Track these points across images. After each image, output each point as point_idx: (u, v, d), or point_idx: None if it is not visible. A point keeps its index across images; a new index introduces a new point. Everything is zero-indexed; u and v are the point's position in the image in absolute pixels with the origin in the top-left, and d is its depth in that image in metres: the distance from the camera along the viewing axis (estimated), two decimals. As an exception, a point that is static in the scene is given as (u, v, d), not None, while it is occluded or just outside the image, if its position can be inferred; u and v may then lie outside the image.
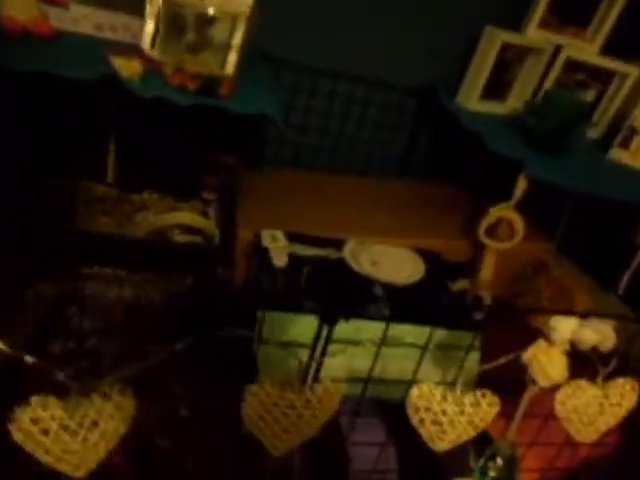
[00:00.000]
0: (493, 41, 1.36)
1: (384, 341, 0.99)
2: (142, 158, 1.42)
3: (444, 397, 0.59)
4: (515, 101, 1.48)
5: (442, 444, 0.62)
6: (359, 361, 0.96)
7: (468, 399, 0.60)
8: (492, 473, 0.69)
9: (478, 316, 1.24)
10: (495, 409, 0.61)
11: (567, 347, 0.60)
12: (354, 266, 1.15)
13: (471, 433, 0.61)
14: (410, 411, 0.60)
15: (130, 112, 1.32)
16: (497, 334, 1.25)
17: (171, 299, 1.19)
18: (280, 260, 1.09)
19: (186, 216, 1.38)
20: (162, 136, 1.40)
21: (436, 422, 0.60)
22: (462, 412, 0.59)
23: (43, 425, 0.49)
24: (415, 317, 1.00)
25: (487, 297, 1.24)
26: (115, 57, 0.89)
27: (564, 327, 0.59)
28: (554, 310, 0.62)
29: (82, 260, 1.20)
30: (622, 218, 1.41)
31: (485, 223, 1.17)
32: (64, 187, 1.38)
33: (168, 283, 1.23)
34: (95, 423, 0.51)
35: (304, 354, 0.93)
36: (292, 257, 1.11)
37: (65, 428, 0.50)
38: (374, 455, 0.73)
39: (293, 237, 1.17)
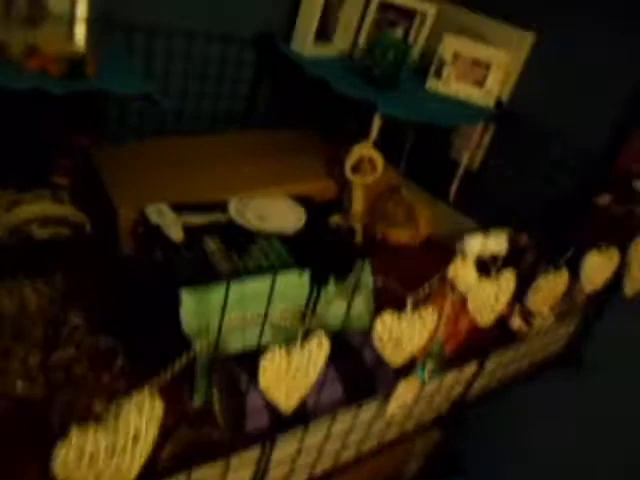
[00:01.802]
0: (318, -13, 1.44)
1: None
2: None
3: (399, 319, 0.72)
4: (341, 42, 1.60)
5: (400, 360, 0.75)
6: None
7: (416, 316, 0.74)
8: (428, 369, 0.86)
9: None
10: (435, 318, 0.76)
11: (475, 258, 0.77)
12: (244, 224, 1.20)
13: (422, 343, 0.76)
14: (375, 342, 0.72)
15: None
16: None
17: (61, 298, 1.11)
18: (177, 234, 1.09)
19: (43, 207, 1.26)
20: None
21: (397, 343, 0.73)
22: (414, 328, 0.73)
23: (89, 452, 0.49)
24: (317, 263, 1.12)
25: (359, 227, 1.40)
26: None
27: (475, 243, 0.75)
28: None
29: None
30: (444, 138, 1.68)
31: (349, 162, 1.30)
32: None
33: (49, 283, 1.14)
34: (135, 437, 0.52)
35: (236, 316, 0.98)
36: (185, 229, 1.11)
37: (113, 449, 0.51)
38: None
39: (176, 208, 1.17)
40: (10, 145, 1.22)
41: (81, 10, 0.97)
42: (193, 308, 0.97)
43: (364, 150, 1.29)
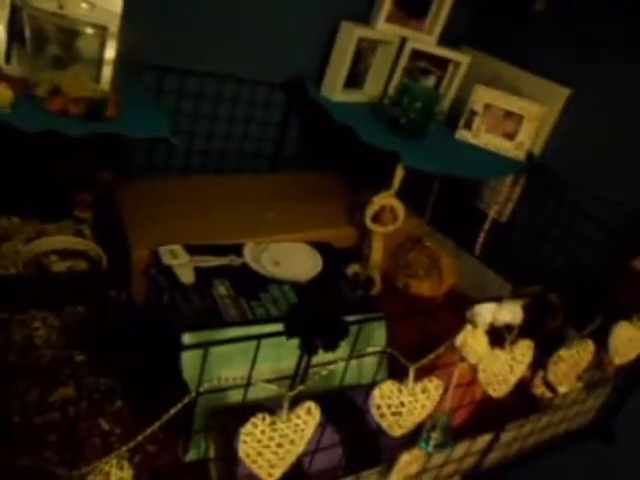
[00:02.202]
0: (350, 36, 1.44)
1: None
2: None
3: (400, 390, 0.68)
4: (372, 88, 1.60)
5: (401, 430, 0.70)
6: (285, 362, 1.01)
7: (419, 387, 0.69)
8: (433, 441, 0.80)
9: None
10: (440, 390, 0.71)
11: (487, 327, 0.72)
12: (258, 269, 1.18)
13: (424, 415, 0.71)
14: (373, 409, 0.68)
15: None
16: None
17: (69, 333, 1.10)
18: (187, 277, 1.07)
19: (62, 239, 1.28)
20: (12, 154, 1.25)
21: (396, 413, 0.68)
22: (416, 400, 0.68)
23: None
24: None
25: (377, 277, 1.36)
26: (-21, 85, 0.79)
27: (486, 312, 0.71)
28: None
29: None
30: (472, 188, 1.64)
31: (370, 211, 1.27)
32: None
33: (61, 316, 1.14)
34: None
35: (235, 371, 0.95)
36: (197, 271, 1.10)
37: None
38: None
39: (191, 249, 1.16)
40: (34, 177, 1.25)
41: (109, 53, 0.99)
42: (195, 355, 0.95)
43: (385, 200, 1.26)
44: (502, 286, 1.52)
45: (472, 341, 0.71)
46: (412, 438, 0.80)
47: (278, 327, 1.03)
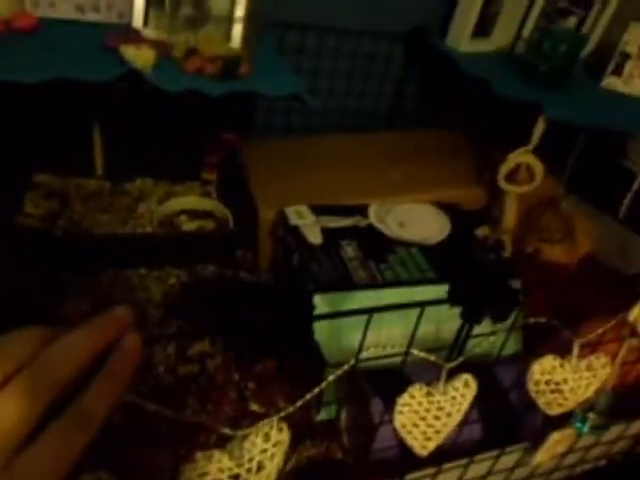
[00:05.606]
0: (481, -24, 1.32)
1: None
2: (128, 144, 1.32)
3: (562, 366, 0.61)
4: (501, 36, 1.46)
5: (560, 409, 0.64)
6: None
7: (584, 364, 0.62)
8: (591, 422, 0.73)
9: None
10: (608, 369, 0.63)
11: (667, 300, 0.63)
12: (384, 230, 1.14)
13: (587, 395, 0.64)
14: (530, 385, 0.62)
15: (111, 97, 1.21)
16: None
17: (199, 289, 1.15)
18: (315, 237, 1.06)
19: (191, 200, 1.32)
20: (146, 118, 1.29)
21: (556, 391, 0.62)
22: (580, 377, 0.62)
23: (212, 478, 0.47)
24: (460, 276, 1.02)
25: (508, 241, 1.27)
26: (125, 47, 0.80)
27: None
28: None
29: (98, 265, 1.13)
30: (616, 145, 1.46)
31: (504, 170, 1.17)
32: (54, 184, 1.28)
33: (191, 274, 1.18)
34: (259, 466, 0.49)
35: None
36: (323, 231, 1.08)
37: (235, 477, 0.48)
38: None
39: (316, 210, 1.14)
40: (165, 140, 1.29)
41: (239, 10, 0.97)
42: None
43: (521, 157, 1.16)
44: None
45: (649, 316, 0.63)
46: (557, 420, 0.74)
47: (409, 292, 1.00)
